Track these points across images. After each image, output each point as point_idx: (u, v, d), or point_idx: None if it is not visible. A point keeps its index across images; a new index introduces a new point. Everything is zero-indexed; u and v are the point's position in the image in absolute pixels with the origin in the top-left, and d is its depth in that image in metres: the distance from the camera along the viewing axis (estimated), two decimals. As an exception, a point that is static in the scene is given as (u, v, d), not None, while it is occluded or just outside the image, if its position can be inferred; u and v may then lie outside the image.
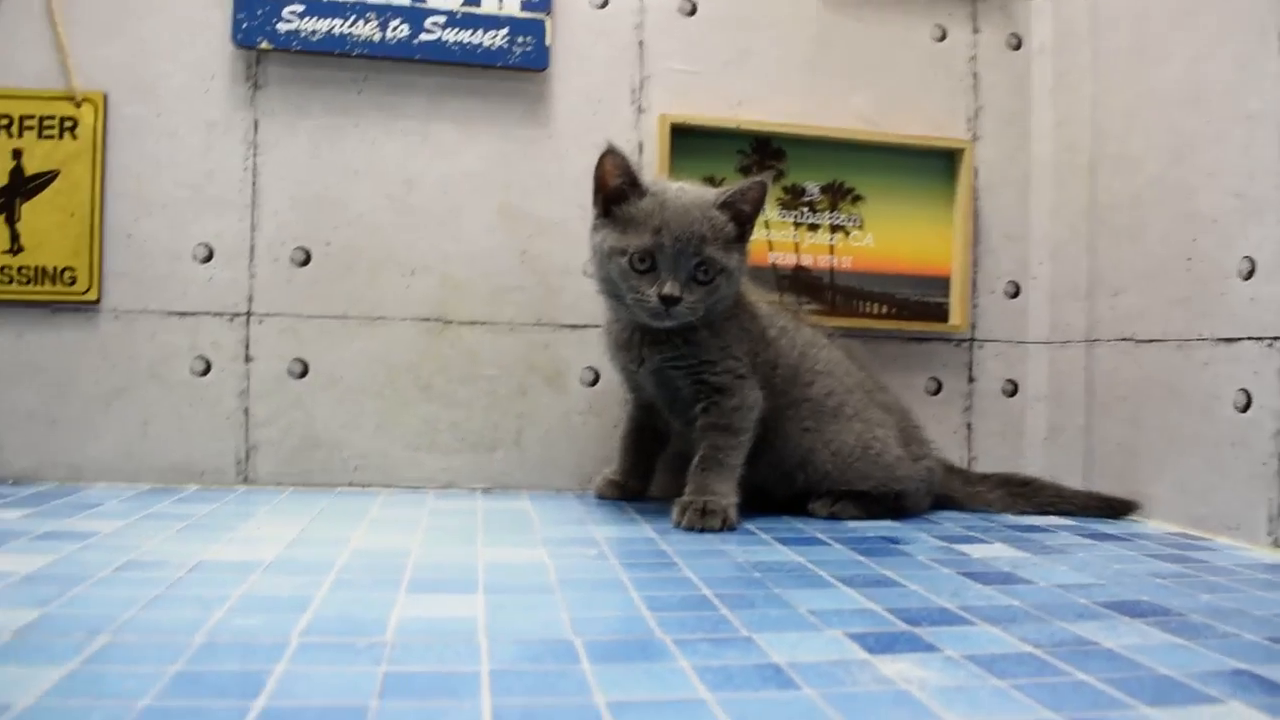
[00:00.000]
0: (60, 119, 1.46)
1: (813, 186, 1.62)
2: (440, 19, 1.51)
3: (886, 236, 1.64)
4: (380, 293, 1.53)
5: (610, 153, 1.26)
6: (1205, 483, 1.34)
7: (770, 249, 1.61)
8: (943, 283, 1.66)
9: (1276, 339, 1.24)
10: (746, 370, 1.32)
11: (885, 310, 1.64)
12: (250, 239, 1.50)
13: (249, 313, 1.50)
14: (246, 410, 1.50)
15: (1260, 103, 1.27)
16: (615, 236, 1.27)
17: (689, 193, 1.29)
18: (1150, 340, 1.45)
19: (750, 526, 1.29)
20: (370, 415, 1.53)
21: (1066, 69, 1.66)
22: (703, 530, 1.24)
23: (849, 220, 1.63)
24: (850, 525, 1.32)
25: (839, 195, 1.63)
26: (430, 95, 1.54)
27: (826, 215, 1.62)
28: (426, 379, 1.54)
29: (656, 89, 1.59)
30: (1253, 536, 1.26)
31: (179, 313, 1.49)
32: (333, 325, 1.52)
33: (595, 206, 1.31)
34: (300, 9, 1.48)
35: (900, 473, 1.39)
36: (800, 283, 1.62)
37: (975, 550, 1.18)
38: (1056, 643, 0.80)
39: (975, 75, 1.69)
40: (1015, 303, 1.71)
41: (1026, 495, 1.49)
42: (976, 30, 1.70)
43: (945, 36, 1.69)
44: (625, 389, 1.47)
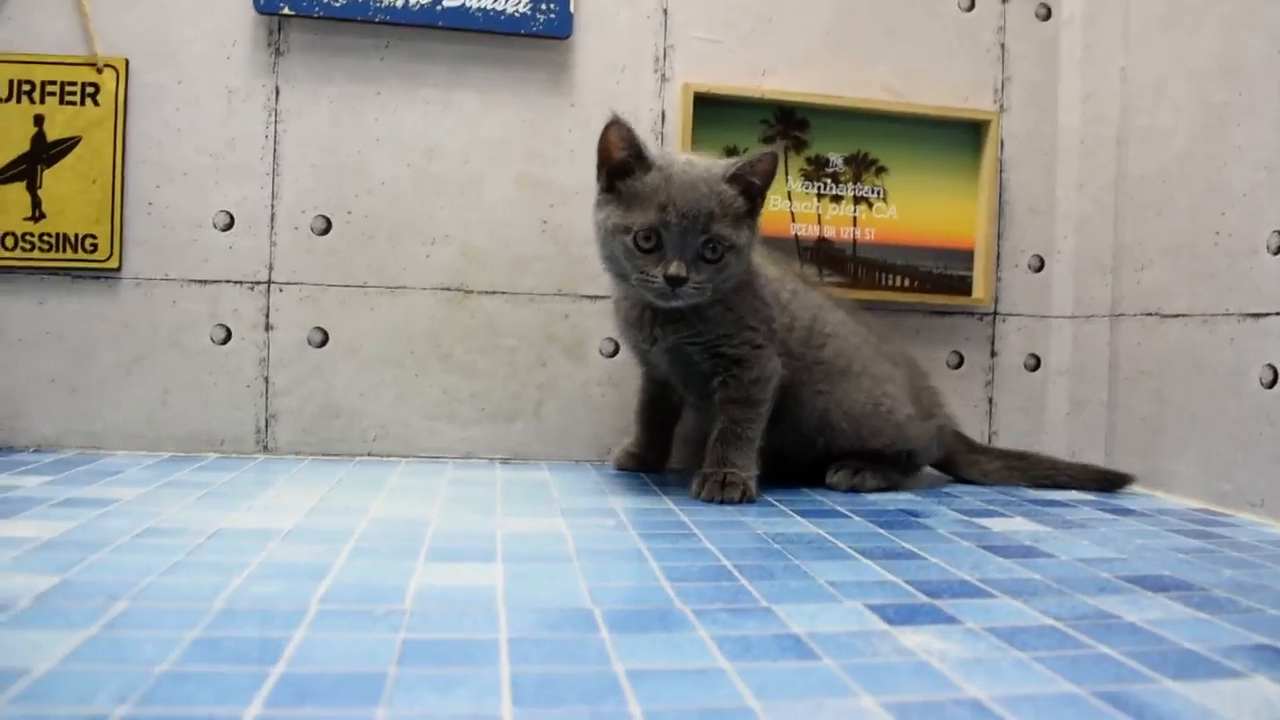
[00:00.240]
0: (82, 85, 1.46)
1: (836, 157, 1.60)
2: (461, -14, 1.50)
3: (910, 209, 1.62)
4: (401, 262, 1.53)
5: (615, 124, 1.21)
6: (1229, 459, 1.33)
7: (793, 220, 1.60)
8: (966, 256, 1.64)
9: (1306, 314, 1.23)
10: (764, 339, 1.30)
11: (908, 283, 1.63)
12: (271, 207, 1.50)
13: (269, 281, 1.50)
14: (266, 379, 1.50)
15: (1294, 74, 1.25)
16: (619, 213, 1.22)
17: (696, 166, 1.23)
18: (1176, 315, 1.43)
19: (769, 499, 1.28)
20: (390, 385, 1.53)
21: (1096, 40, 1.64)
22: (722, 502, 1.24)
23: (872, 192, 1.61)
24: (870, 498, 1.32)
25: (863, 166, 1.61)
26: (452, 63, 1.53)
27: (850, 187, 1.61)
28: (446, 349, 1.54)
29: (680, 57, 1.58)
30: (1277, 513, 1.24)
31: (199, 281, 1.49)
32: (353, 294, 1.52)
33: (599, 181, 1.26)
34: (321, -25, 1.47)
35: (911, 432, 1.40)
36: (823, 255, 1.61)
37: (995, 524, 1.17)
38: (1078, 616, 0.79)
39: (1003, 46, 1.67)
40: (1039, 276, 1.69)
41: (1023, 469, 1.48)
42: (1005, 0, 1.67)
43: (973, 6, 1.66)
44: (638, 363, 1.46)
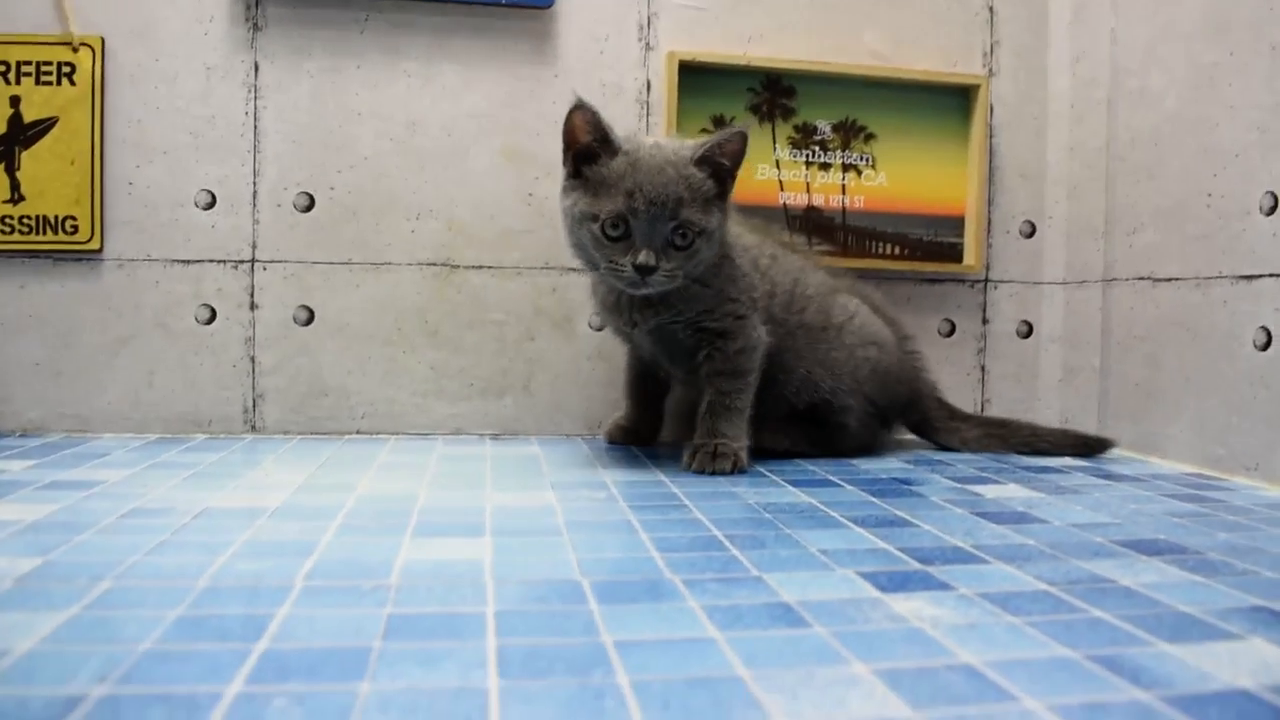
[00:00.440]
0: (58, 64, 1.44)
1: (824, 125, 1.58)
2: (441, -44, 1.48)
3: (900, 176, 1.61)
4: (385, 237, 1.51)
5: (579, 108, 1.18)
6: (1223, 423, 1.32)
7: (781, 189, 1.58)
8: (957, 223, 1.63)
9: (1299, 274, 1.22)
10: (746, 309, 1.29)
11: (898, 251, 1.61)
12: (253, 185, 1.48)
13: (253, 260, 1.49)
14: (253, 358, 1.49)
15: (1285, 31, 1.24)
16: (586, 200, 1.19)
17: (664, 149, 1.20)
18: (1168, 279, 1.42)
19: (761, 469, 1.27)
20: (377, 362, 1.51)
21: (1085, 2, 1.62)
22: (713, 473, 1.23)
23: (861, 159, 1.60)
24: (862, 467, 1.31)
25: (851, 133, 1.59)
26: (433, 35, 1.51)
27: (838, 154, 1.59)
28: (434, 325, 1.52)
29: (664, 25, 1.55)
30: (1271, 476, 1.24)
31: (182, 261, 1.47)
32: (338, 271, 1.50)
33: (565, 166, 1.23)
34: (298, -52, 1.45)
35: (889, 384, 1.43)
36: (812, 223, 1.59)
37: (988, 490, 1.16)
38: (1072, 581, 0.78)
39: (991, 9, 1.65)
40: (1030, 243, 1.68)
41: (1002, 436, 1.47)
42: (992, -37, 1.66)
43: (960, -31, 1.64)
44: (621, 341, 1.44)
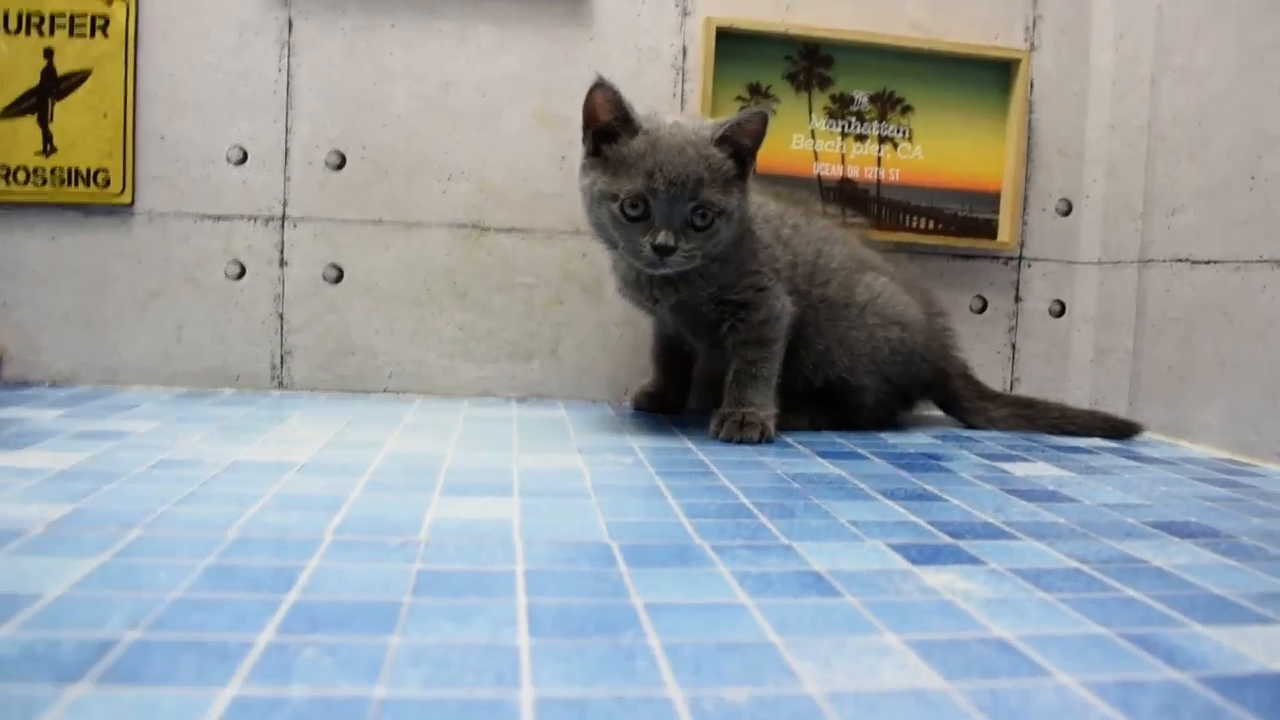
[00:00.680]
0: (91, 17, 1.43)
1: (861, 95, 1.56)
2: (479, -85, 1.46)
3: (936, 149, 1.59)
4: (416, 197, 1.51)
5: (600, 86, 1.17)
6: (1258, 409, 1.30)
7: (816, 159, 1.57)
8: (992, 199, 1.61)
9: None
10: (769, 280, 1.29)
11: (932, 225, 1.59)
12: (285, 142, 1.48)
13: (284, 216, 1.48)
14: (281, 315, 1.49)
15: (1338, 9, 1.21)
16: (605, 180, 1.18)
17: (684, 129, 1.19)
18: (1207, 261, 1.40)
19: (788, 439, 1.27)
20: (406, 322, 1.51)
21: (1130, -24, 1.59)
22: (741, 442, 1.22)
23: (898, 131, 1.58)
24: (890, 441, 1.30)
25: (888, 105, 1.57)
26: (468, -5, 1.50)
27: (875, 126, 1.57)
28: (463, 286, 1.52)
29: (702, -10, 1.54)
30: (1306, 462, 1.22)
31: (213, 216, 1.47)
32: (368, 230, 1.50)
33: (585, 144, 1.22)
34: (336, -97, 1.44)
35: (915, 365, 1.40)
36: (846, 195, 1.58)
37: (1017, 468, 1.15)
38: (1104, 559, 0.77)
39: (1034, -18, 1.62)
40: (1067, 221, 1.66)
41: (1029, 417, 1.46)
42: (1037, -66, 1.62)
43: (1004, -60, 1.61)
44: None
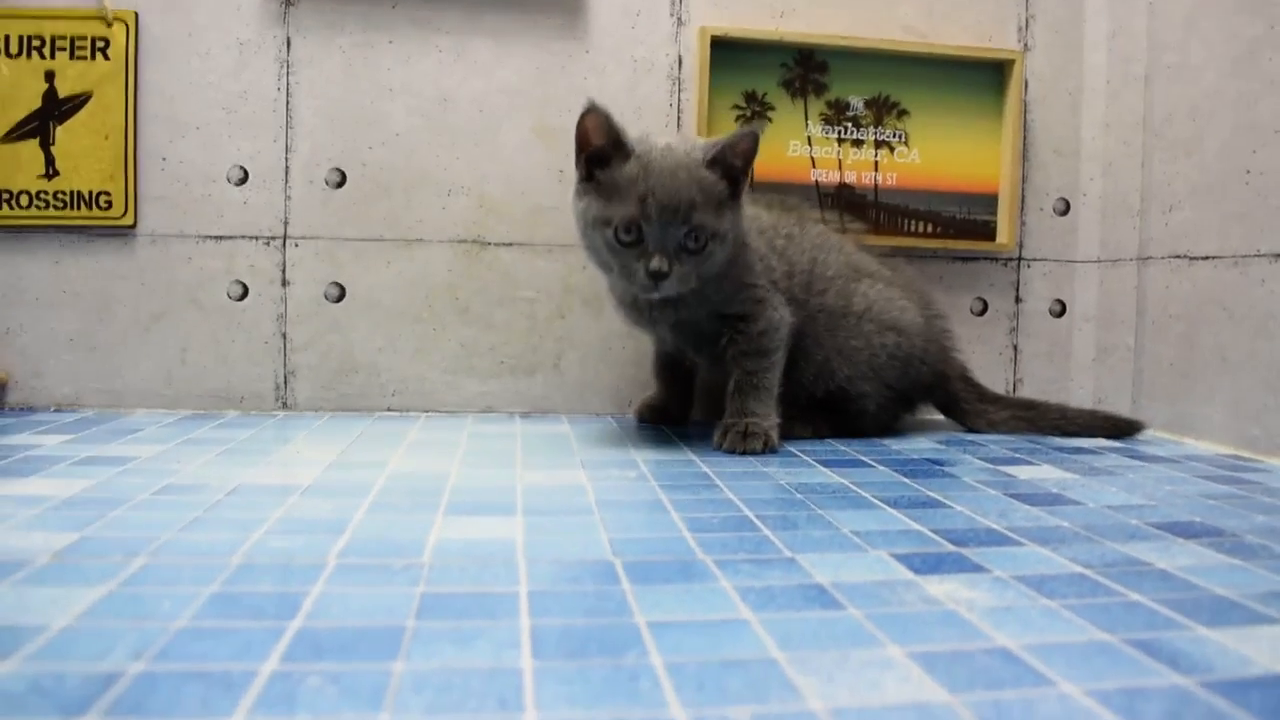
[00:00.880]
0: (92, 40, 1.44)
1: (857, 101, 1.57)
2: (472, -69, 1.47)
3: (933, 152, 1.59)
4: (416, 214, 1.51)
5: (591, 111, 1.17)
6: (1260, 404, 1.30)
7: (813, 166, 1.57)
8: (990, 200, 1.61)
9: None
10: (765, 291, 1.29)
11: (931, 229, 1.60)
12: (285, 160, 1.49)
13: (285, 236, 1.49)
14: (284, 335, 1.50)
15: (1331, 5, 1.21)
16: (599, 205, 1.19)
17: (675, 152, 1.19)
18: (1205, 257, 1.40)
19: (791, 449, 1.27)
20: (408, 339, 1.52)
21: (1123, -25, 1.59)
22: (744, 453, 1.23)
23: (894, 136, 1.58)
24: (893, 447, 1.30)
25: (884, 110, 1.58)
26: (466, 9, 1.50)
27: (871, 131, 1.58)
28: (464, 302, 1.52)
29: (696, 1, 1.54)
30: (1310, 458, 1.22)
31: (215, 236, 1.48)
32: (369, 248, 1.50)
33: (578, 169, 1.23)
34: (329, -78, 1.44)
35: (913, 372, 1.40)
36: (844, 201, 1.58)
37: (1021, 472, 1.15)
38: (1108, 563, 0.78)
39: (1027, -17, 1.63)
40: (1065, 220, 1.66)
41: (1030, 419, 1.46)
42: (1029, -65, 1.63)
43: (996, -58, 1.62)
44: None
